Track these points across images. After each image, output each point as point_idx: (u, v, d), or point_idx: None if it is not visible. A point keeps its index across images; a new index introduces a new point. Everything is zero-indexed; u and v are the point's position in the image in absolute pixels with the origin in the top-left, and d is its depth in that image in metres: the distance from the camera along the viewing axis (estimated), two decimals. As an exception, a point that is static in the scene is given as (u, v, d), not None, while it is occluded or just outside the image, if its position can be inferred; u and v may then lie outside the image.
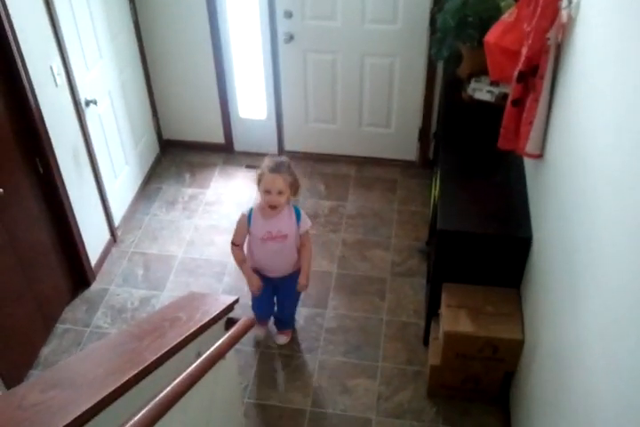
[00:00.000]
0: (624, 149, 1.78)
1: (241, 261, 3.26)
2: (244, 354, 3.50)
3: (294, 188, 3.06)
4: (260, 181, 3.03)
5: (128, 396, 1.55)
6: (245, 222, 3.15)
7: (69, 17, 3.47)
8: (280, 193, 2.99)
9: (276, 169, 2.97)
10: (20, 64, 3.05)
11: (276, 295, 3.46)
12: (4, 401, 1.37)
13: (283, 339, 3.58)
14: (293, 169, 3.07)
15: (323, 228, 4.28)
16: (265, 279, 3.31)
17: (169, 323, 1.98)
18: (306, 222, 3.20)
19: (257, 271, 3.30)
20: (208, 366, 1.86)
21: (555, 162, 2.62)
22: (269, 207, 3.06)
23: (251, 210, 3.16)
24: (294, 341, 3.59)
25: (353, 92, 4.49)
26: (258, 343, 3.58)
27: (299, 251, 3.27)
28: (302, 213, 3.20)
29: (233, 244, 3.24)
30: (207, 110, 4.73)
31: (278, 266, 3.29)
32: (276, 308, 3.53)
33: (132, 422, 1.44)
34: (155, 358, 1.66)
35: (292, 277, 3.31)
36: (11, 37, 2.97)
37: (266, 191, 3.01)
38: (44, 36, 3.25)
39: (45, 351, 3.54)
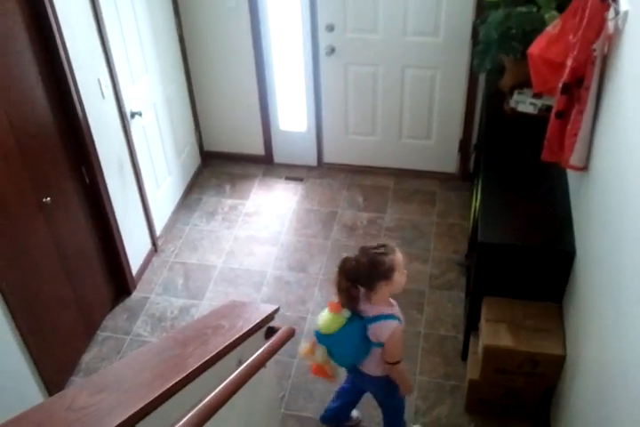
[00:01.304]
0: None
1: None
2: (282, 364, 3.51)
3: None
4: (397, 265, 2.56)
5: (172, 401, 1.56)
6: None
7: (117, 31, 3.56)
8: None
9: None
10: (69, 77, 3.13)
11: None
12: (55, 403, 1.40)
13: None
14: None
15: (361, 239, 4.28)
16: None
17: (212, 330, 2.00)
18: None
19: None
20: (250, 373, 1.87)
21: (600, 174, 2.59)
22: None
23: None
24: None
25: (393, 103, 4.50)
26: (295, 354, 3.58)
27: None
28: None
29: (399, 362, 2.66)
30: (248, 123, 4.78)
31: None
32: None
33: (176, 427, 1.46)
34: (199, 364, 1.68)
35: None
36: (61, 51, 3.06)
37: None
38: (92, 50, 3.34)
39: (86, 358, 3.60)
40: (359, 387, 3.00)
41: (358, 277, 2.51)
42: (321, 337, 2.65)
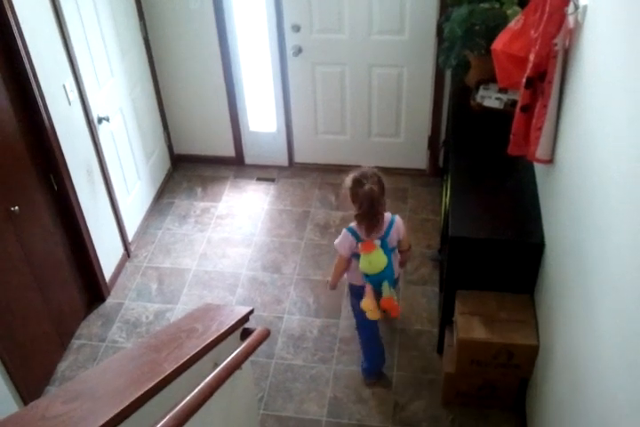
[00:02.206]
0: (634, 152, 1.79)
1: None
2: (259, 365, 3.51)
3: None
4: None
5: (148, 406, 1.56)
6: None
7: (81, 36, 3.53)
8: None
9: None
10: (33, 83, 3.10)
11: None
12: (28, 413, 1.39)
13: None
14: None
15: (334, 238, 4.27)
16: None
17: (186, 334, 1.99)
18: None
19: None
20: (225, 376, 1.87)
21: (565, 167, 2.63)
22: None
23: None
24: (309, 351, 3.60)
25: (362, 102, 4.52)
26: (272, 354, 3.58)
27: None
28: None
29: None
30: (217, 124, 4.77)
31: None
32: None
33: (152, 432, 1.46)
34: (173, 368, 1.68)
35: None
36: (24, 57, 3.02)
37: None
38: (56, 56, 3.31)
39: (62, 367, 3.57)
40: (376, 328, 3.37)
41: (380, 200, 2.91)
42: (375, 278, 3.04)
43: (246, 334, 2.24)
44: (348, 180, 2.93)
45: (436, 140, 4.60)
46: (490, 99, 3.49)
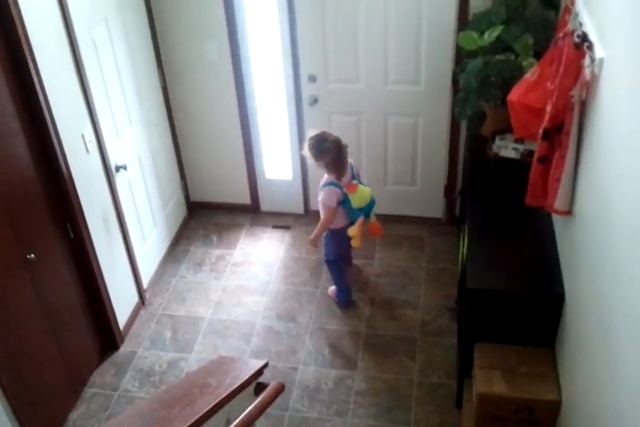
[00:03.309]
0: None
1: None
2: (273, 418, 3.44)
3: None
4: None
5: (158, 467, 1.52)
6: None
7: (100, 85, 3.58)
8: None
9: None
10: (52, 133, 3.14)
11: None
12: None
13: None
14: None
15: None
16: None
17: (199, 389, 1.95)
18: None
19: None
20: (238, 433, 1.82)
21: (584, 218, 2.60)
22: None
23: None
24: (324, 404, 3.52)
25: (377, 151, 4.54)
26: (287, 406, 3.51)
27: None
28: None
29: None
30: (234, 172, 4.79)
31: None
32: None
33: None
34: (185, 426, 1.63)
35: None
36: (44, 107, 3.07)
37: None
38: (75, 105, 3.36)
39: (74, 416, 3.51)
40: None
41: (345, 147, 3.63)
42: (366, 209, 3.76)
43: (260, 388, 2.20)
44: (309, 144, 3.57)
45: (452, 188, 4.59)
46: (506, 149, 3.50)
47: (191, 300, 4.24)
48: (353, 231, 3.70)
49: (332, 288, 4.18)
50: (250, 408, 1.96)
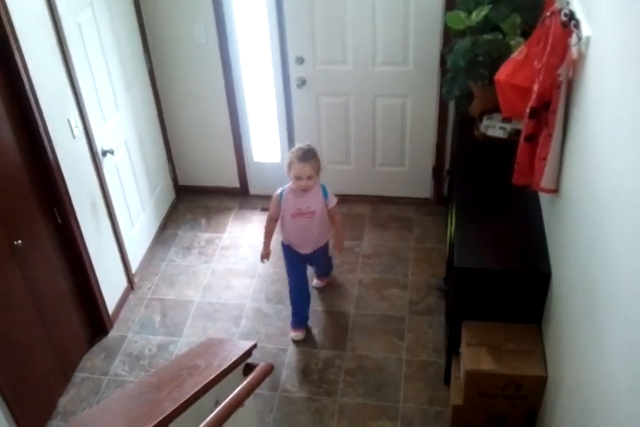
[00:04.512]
0: (640, 182, 1.77)
1: (268, 232, 3.71)
2: (263, 398, 3.46)
3: (320, 170, 3.46)
4: (290, 168, 3.41)
5: (147, 447, 1.53)
6: (278, 201, 3.57)
7: (86, 69, 3.55)
8: (309, 178, 3.41)
9: (304, 158, 3.36)
10: (38, 118, 3.11)
11: (312, 266, 4.00)
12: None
13: (319, 283, 4.13)
14: (318, 155, 3.44)
15: (339, 268, 4.26)
16: (298, 257, 3.71)
17: (187, 371, 1.96)
18: (332, 199, 3.63)
19: (291, 248, 3.71)
20: (227, 414, 1.83)
21: (570, 196, 2.61)
22: (301, 190, 3.47)
23: (282, 191, 3.56)
24: (313, 383, 3.54)
25: (366, 132, 4.53)
26: (276, 387, 3.53)
27: (326, 226, 3.69)
28: (329, 191, 3.60)
29: (270, 218, 3.67)
30: (222, 155, 4.78)
31: (308, 240, 3.66)
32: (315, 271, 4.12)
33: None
34: (174, 407, 1.64)
35: (322, 249, 3.78)
36: (29, 91, 3.03)
37: (297, 178, 3.41)
38: (61, 90, 3.32)
39: (64, 401, 3.52)
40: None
41: None
42: None
43: (249, 369, 2.21)
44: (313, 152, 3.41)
45: (440, 169, 4.60)
46: (494, 128, 3.49)
47: (180, 283, 4.24)
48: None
49: (316, 281, 4.16)
50: (238, 389, 1.97)
